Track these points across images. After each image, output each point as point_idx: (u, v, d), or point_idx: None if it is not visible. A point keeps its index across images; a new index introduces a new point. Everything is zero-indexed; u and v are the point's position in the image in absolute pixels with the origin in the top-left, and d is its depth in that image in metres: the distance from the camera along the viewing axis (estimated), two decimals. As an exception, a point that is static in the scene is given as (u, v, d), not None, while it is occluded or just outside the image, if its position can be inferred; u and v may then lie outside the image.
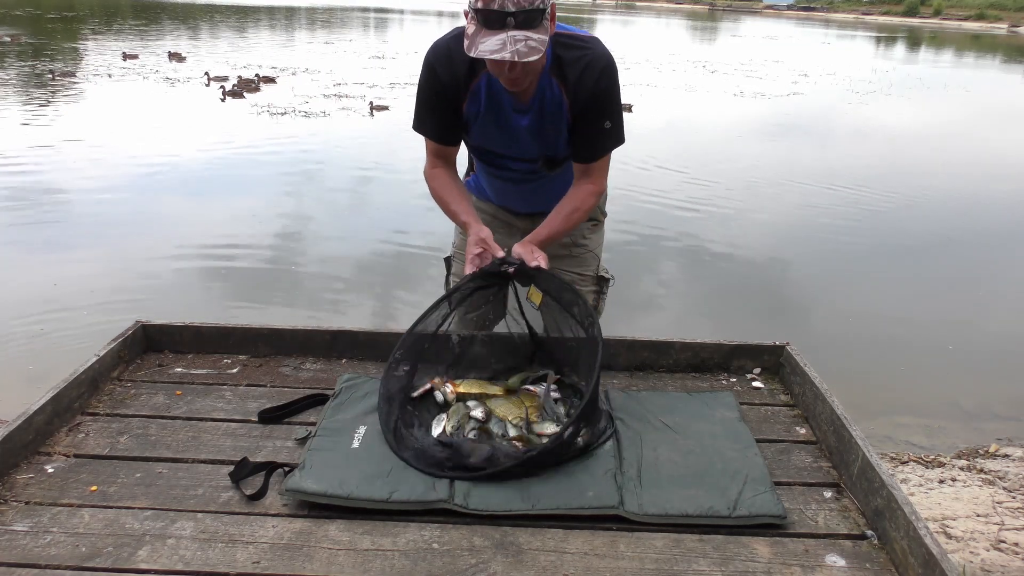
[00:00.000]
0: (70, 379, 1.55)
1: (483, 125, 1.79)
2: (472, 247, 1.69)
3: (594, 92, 1.68)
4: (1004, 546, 2.51)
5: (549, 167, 1.86)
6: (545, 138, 1.78)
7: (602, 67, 1.67)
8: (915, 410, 3.79)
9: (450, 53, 1.69)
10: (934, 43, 38.05)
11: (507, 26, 1.49)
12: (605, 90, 1.69)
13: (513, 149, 1.84)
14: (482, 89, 1.72)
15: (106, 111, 9.90)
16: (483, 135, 1.83)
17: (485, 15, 1.49)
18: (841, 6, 74.09)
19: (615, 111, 1.74)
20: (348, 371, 1.77)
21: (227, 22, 25.85)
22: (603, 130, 1.73)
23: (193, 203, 6.39)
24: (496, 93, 1.71)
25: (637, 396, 1.69)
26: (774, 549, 1.24)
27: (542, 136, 1.78)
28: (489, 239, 1.69)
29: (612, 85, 1.70)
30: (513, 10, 1.48)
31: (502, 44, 1.49)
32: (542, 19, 1.52)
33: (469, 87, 1.72)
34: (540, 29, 1.52)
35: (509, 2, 1.48)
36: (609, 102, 1.71)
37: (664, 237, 5.76)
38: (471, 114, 1.77)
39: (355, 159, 8.00)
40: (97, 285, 4.55)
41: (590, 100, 1.69)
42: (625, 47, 24.15)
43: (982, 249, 6.38)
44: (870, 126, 12.03)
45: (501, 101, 1.72)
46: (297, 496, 1.30)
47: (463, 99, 1.74)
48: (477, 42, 1.51)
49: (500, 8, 1.48)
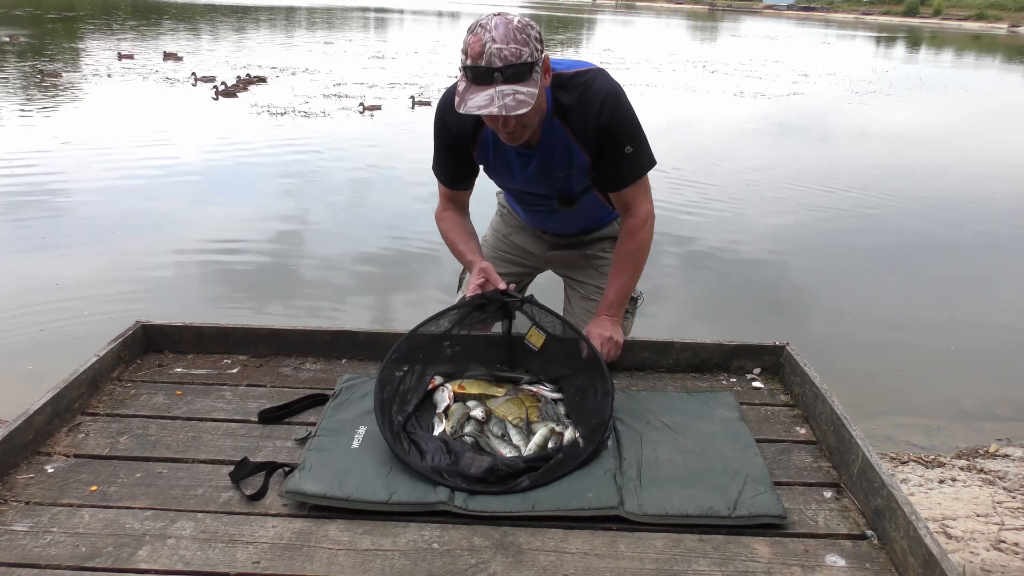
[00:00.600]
0: (70, 379, 1.55)
1: (495, 170, 1.87)
2: (475, 277, 1.72)
3: (598, 125, 1.69)
4: (1004, 546, 2.51)
5: (564, 204, 1.92)
6: (554, 180, 1.82)
7: (601, 99, 1.68)
8: (915, 410, 3.79)
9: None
10: (934, 43, 38.06)
11: (495, 81, 1.50)
12: (611, 119, 1.69)
13: (528, 189, 1.91)
14: (489, 138, 1.76)
15: (102, 112, 9.89)
16: (497, 178, 1.92)
17: (474, 71, 1.52)
18: (841, 6, 74.11)
19: (633, 136, 1.73)
20: (348, 371, 1.77)
21: (227, 22, 25.85)
22: (625, 156, 1.73)
23: (193, 203, 6.39)
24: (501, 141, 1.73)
25: (637, 396, 1.69)
26: (774, 549, 1.24)
27: (551, 178, 1.82)
28: (490, 270, 1.71)
29: (617, 112, 1.69)
30: (500, 65, 1.49)
31: (489, 99, 1.51)
32: (531, 73, 1.53)
33: (477, 137, 1.77)
34: (529, 82, 1.52)
35: (496, 58, 1.49)
36: (620, 129, 1.71)
37: (664, 237, 5.75)
38: (481, 159, 1.83)
39: (355, 159, 7.99)
40: (97, 285, 4.55)
41: (598, 134, 1.70)
42: (625, 47, 24.17)
43: (982, 249, 6.38)
44: (870, 126, 12.03)
45: (506, 148, 1.75)
46: (297, 498, 1.30)
47: (472, 148, 1.79)
48: (467, 98, 1.53)
49: (487, 64, 1.50)
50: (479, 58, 1.50)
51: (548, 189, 1.87)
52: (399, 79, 13.70)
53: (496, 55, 1.49)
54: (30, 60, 13.91)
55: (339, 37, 23.02)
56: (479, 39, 1.50)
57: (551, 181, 1.82)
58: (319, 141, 8.82)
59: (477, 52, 1.50)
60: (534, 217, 2.10)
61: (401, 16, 37.17)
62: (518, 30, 1.51)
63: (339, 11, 36.01)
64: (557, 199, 1.90)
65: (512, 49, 1.49)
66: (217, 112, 10.23)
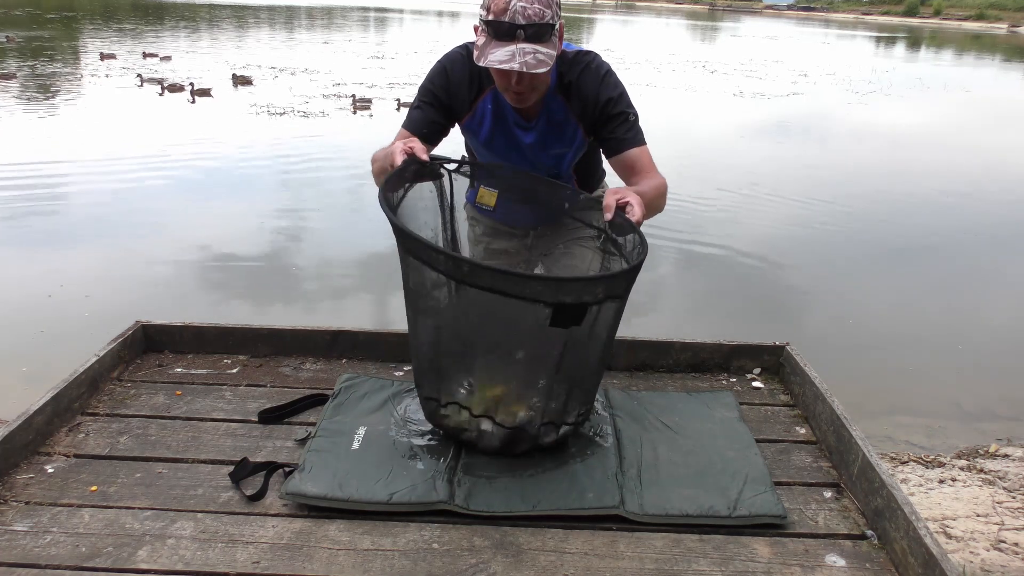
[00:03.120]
0: (70, 379, 1.55)
1: (487, 141, 1.82)
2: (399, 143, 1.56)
3: (601, 101, 1.70)
4: (1004, 546, 2.51)
5: None
6: (549, 155, 1.81)
7: (602, 76, 1.70)
8: (915, 410, 3.79)
9: (464, 62, 1.72)
10: (934, 43, 38.06)
11: (517, 38, 1.51)
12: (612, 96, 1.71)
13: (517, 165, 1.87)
14: (488, 106, 1.75)
15: (97, 112, 9.89)
16: (488, 151, 1.86)
17: (496, 27, 1.52)
18: (841, 6, 74.11)
19: (631, 109, 1.75)
20: (348, 371, 1.77)
21: (226, 22, 25.84)
22: (630, 122, 1.74)
23: (193, 203, 6.39)
24: (501, 109, 1.73)
25: (637, 396, 1.69)
26: (774, 549, 1.24)
27: (546, 153, 1.81)
28: (417, 143, 1.56)
29: (616, 88, 1.72)
30: (523, 23, 1.50)
31: (511, 55, 1.51)
32: (551, 34, 1.55)
33: (473, 104, 1.75)
34: (548, 44, 1.54)
35: (520, 15, 1.50)
36: (621, 101, 1.73)
37: (664, 237, 5.75)
38: (472, 128, 1.80)
39: (354, 159, 7.98)
40: (97, 285, 4.55)
41: (600, 110, 1.71)
42: (625, 47, 24.15)
43: (983, 248, 6.38)
44: (870, 126, 12.03)
45: (506, 118, 1.75)
46: (297, 499, 1.30)
47: (463, 111, 1.76)
48: (487, 52, 1.53)
49: (511, 21, 1.50)
50: (503, 13, 1.50)
51: (540, 167, 1.84)
52: (398, 79, 13.70)
53: (520, 13, 1.50)
54: (29, 60, 13.91)
55: (338, 37, 23.02)
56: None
57: (546, 156, 1.81)
58: (318, 141, 8.82)
59: (501, 8, 1.50)
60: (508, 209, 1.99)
61: (401, 16, 37.17)
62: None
63: (339, 11, 35.99)
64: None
65: (536, 9, 1.50)
66: (217, 112, 10.23)
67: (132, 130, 8.84)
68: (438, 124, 1.77)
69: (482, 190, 1.67)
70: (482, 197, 1.66)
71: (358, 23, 30.12)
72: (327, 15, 33.02)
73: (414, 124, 1.76)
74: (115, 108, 10.15)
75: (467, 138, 1.89)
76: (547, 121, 1.75)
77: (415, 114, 1.77)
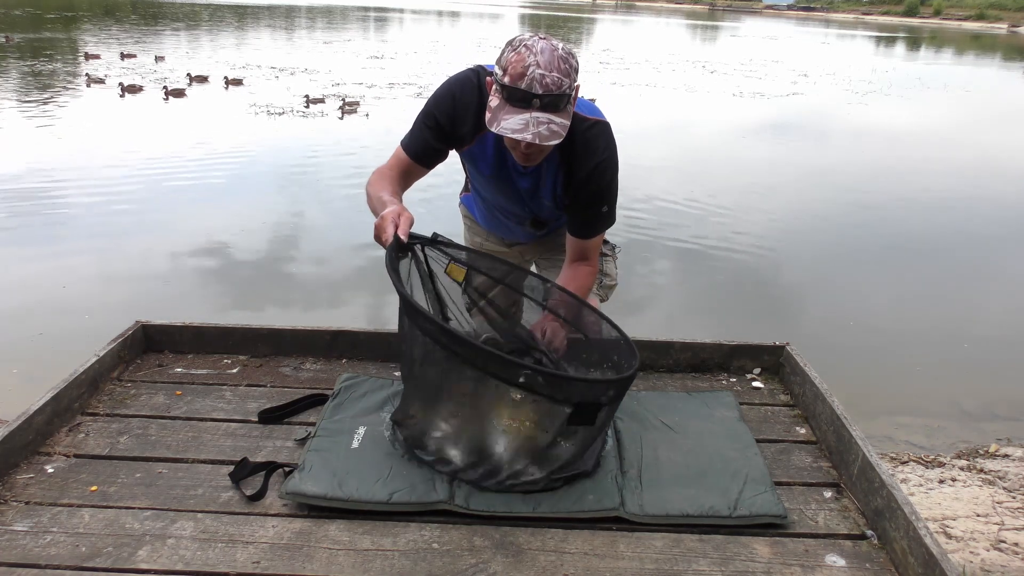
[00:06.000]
0: (70, 379, 1.55)
1: (483, 176, 1.83)
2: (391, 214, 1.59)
3: (589, 186, 1.70)
4: (1004, 546, 2.51)
5: (535, 227, 1.94)
6: (538, 203, 1.83)
7: (597, 163, 1.68)
8: (915, 410, 3.79)
9: (473, 90, 1.67)
10: (934, 43, 38.07)
11: (532, 107, 1.47)
12: (600, 186, 1.71)
13: (508, 204, 1.90)
14: (489, 142, 1.72)
15: (97, 113, 9.90)
16: (483, 185, 1.88)
17: (511, 92, 1.47)
18: (841, 6, 74.13)
19: (612, 200, 1.75)
20: (348, 371, 1.76)
21: (225, 21, 25.83)
22: (600, 213, 1.75)
23: (192, 203, 6.39)
24: (503, 150, 1.71)
25: (637, 396, 1.69)
26: (774, 549, 1.24)
27: (535, 200, 1.82)
28: (404, 221, 1.58)
29: (607, 179, 1.71)
30: (540, 92, 1.46)
31: (524, 124, 1.47)
32: (567, 103, 1.51)
33: (477, 134, 1.72)
34: (563, 113, 1.50)
35: (537, 84, 1.45)
36: (606, 194, 1.73)
37: (664, 237, 5.76)
38: (473, 157, 1.79)
39: (354, 158, 7.99)
40: (97, 285, 4.55)
41: (585, 191, 1.71)
42: (625, 47, 24.16)
43: (983, 248, 6.39)
44: (870, 126, 12.03)
45: (506, 160, 1.73)
46: (297, 499, 1.30)
47: (465, 141, 1.74)
48: (500, 118, 1.49)
49: (527, 88, 1.46)
50: (519, 79, 1.46)
51: (528, 210, 1.87)
52: (398, 79, 13.70)
53: (538, 81, 1.45)
54: (28, 61, 13.91)
55: (338, 37, 23.02)
56: (522, 59, 1.46)
57: (536, 203, 1.83)
58: (318, 140, 8.83)
59: (519, 73, 1.46)
60: (498, 223, 2.06)
61: (401, 16, 37.16)
62: (562, 59, 1.48)
63: (339, 11, 35.98)
64: (531, 221, 1.92)
65: (554, 78, 1.46)
66: (217, 112, 10.23)
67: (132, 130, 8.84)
68: (436, 150, 1.75)
69: (451, 265, 1.64)
70: (451, 272, 1.64)
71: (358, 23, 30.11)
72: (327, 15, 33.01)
73: (413, 147, 1.76)
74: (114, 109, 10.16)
75: (466, 163, 1.88)
76: (541, 174, 1.74)
77: (416, 136, 1.76)
